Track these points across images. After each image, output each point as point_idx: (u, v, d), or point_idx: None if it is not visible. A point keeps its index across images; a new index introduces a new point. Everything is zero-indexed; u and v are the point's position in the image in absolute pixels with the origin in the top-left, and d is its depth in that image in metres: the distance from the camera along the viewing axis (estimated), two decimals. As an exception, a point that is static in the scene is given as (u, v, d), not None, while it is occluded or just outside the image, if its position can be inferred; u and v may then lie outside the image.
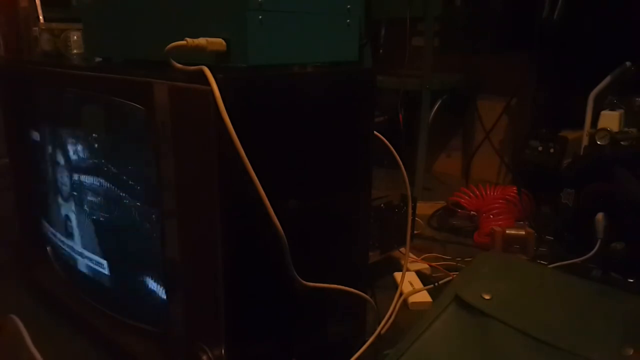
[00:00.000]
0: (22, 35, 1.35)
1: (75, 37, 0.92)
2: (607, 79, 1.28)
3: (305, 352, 0.72)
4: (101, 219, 0.79)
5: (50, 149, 0.89)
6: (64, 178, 0.86)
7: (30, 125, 0.94)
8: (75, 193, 0.84)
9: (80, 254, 0.85)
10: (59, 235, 0.91)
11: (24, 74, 0.92)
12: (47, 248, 0.97)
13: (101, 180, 0.77)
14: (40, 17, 1.19)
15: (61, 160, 0.86)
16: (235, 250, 0.59)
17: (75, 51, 0.93)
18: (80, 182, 0.81)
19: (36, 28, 1.00)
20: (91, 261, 0.83)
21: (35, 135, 0.93)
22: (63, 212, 0.88)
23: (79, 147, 0.80)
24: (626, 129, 1.17)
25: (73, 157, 0.82)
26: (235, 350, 0.62)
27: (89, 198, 0.80)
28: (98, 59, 0.83)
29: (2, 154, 1.01)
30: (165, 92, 0.59)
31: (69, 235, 0.87)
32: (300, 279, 0.65)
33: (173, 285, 0.67)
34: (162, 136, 0.61)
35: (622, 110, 1.20)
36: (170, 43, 0.57)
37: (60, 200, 0.88)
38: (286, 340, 0.70)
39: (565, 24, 1.42)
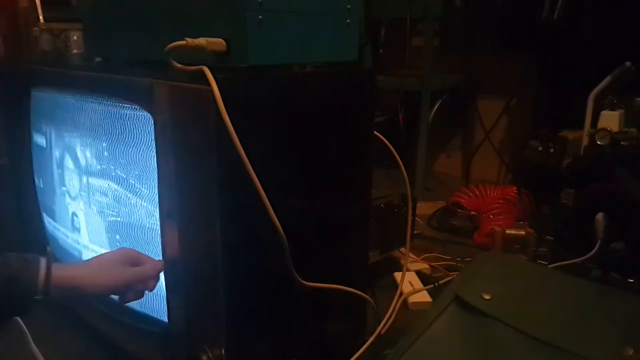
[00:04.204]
0: (22, 35, 1.34)
1: (75, 37, 0.92)
2: (607, 79, 1.28)
3: (305, 352, 0.72)
4: (105, 216, 0.79)
5: (50, 148, 0.89)
6: (63, 177, 0.86)
7: (31, 125, 0.94)
8: (76, 191, 0.84)
9: (86, 247, 0.85)
10: (63, 229, 0.91)
11: (24, 74, 0.92)
12: (47, 248, 0.97)
13: (101, 180, 0.77)
14: (40, 17, 1.19)
15: (61, 159, 0.86)
16: (235, 250, 0.59)
17: (75, 51, 0.93)
18: (81, 182, 0.81)
19: (36, 28, 1.00)
20: (96, 254, 0.83)
21: (35, 135, 0.93)
22: (70, 209, 0.88)
23: (79, 147, 0.80)
24: (626, 129, 1.17)
25: (73, 156, 0.82)
26: (235, 350, 0.62)
27: (94, 197, 0.80)
28: (98, 59, 0.83)
29: (2, 153, 1.01)
30: (165, 92, 0.59)
31: (75, 229, 0.87)
32: (300, 279, 0.65)
33: (173, 285, 0.67)
34: (162, 136, 0.61)
35: (622, 110, 1.20)
36: (170, 43, 0.57)
37: (67, 199, 0.88)
38: (286, 340, 0.70)
39: (565, 24, 1.42)
